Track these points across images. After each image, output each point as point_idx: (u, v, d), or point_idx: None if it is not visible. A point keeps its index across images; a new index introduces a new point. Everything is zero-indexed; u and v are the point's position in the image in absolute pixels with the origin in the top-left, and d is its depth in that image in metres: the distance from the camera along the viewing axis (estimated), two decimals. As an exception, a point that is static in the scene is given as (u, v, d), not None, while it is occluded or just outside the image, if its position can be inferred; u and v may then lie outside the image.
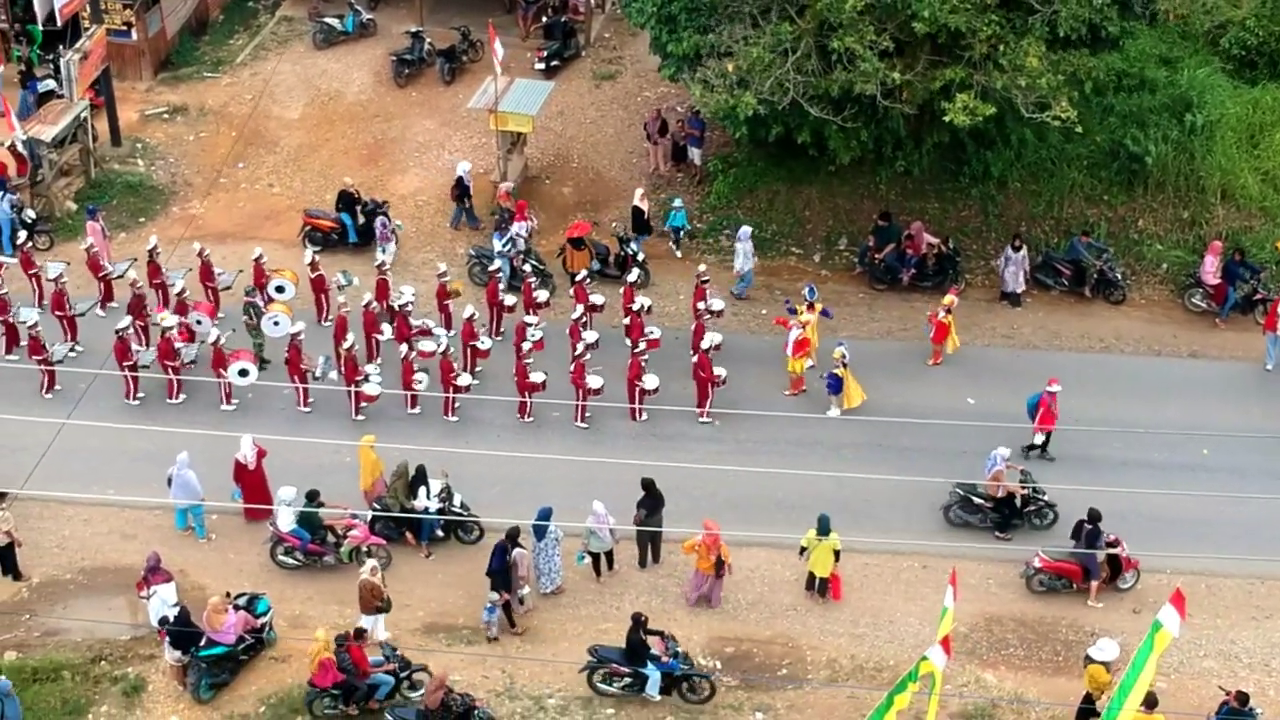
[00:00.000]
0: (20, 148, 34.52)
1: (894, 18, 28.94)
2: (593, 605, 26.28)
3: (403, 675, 23.95)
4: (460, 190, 35.25)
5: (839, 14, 28.36)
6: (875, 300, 34.19)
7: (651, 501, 26.68)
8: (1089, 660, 24.07)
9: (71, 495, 27.51)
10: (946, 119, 29.27)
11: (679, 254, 34.65)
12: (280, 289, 31.65)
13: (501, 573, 25.09)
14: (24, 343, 30.34)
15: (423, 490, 26.58)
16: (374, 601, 24.65)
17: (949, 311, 31.41)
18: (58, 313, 30.74)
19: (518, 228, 34.03)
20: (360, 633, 23.93)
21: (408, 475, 26.70)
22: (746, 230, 33.59)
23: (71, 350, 30.66)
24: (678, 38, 31.96)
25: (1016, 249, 33.55)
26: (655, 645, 24.14)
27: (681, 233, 35.22)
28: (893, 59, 29.33)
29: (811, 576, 26.46)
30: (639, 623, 24.07)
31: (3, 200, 33.51)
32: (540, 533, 25.79)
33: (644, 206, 34.94)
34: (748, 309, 33.70)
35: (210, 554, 26.90)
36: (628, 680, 24.24)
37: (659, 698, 24.26)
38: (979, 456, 28.31)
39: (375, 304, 31.14)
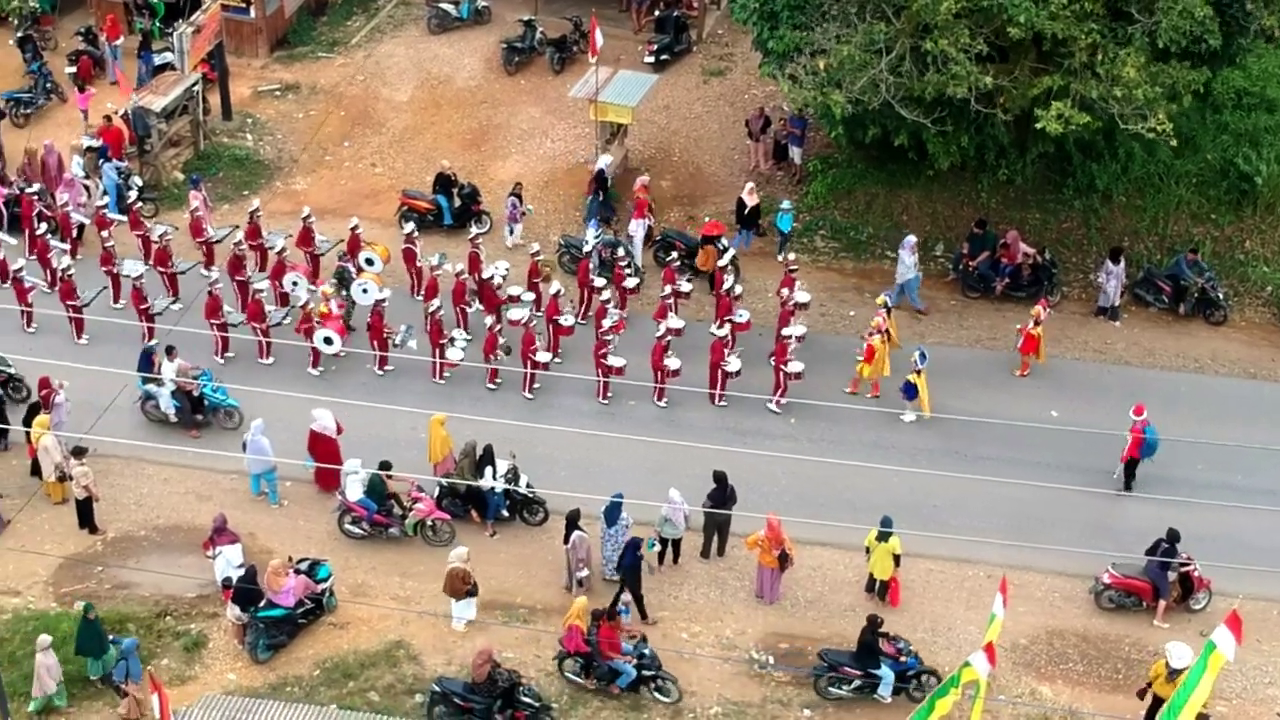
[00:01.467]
0: (121, 118, 35.80)
1: (990, 22, 28.94)
2: (651, 593, 26.60)
3: (649, 674, 24.22)
4: (599, 184, 35.75)
5: (934, 15, 28.44)
6: (966, 308, 34.16)
7: (721, 493, 27.00)
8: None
9: (152, 446, 28.53)
10: (1039, 125, 29.20)
11: (781, 257, 34.62)
12: (370, 261, 32.53)
13: (632, 570, 25.48)
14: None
15: (489, 470, 27.14)
16: (464, 586, 25.18)
17: (1037, 323, 31.29)
18: (160, 268, 32.05)
19: (635, 226, 34.57)
20: (614, 613, 24.43)
21: (475, 454, 27.30)
22: (911, 240, 33.34)
23: (173, 304, 31.86)
24: (778, 35, 32.24)
25: (1116, 262, 33.32)
26: (884, 646, 24.26)
27: (790, 236, 35.28)
28: (986, 64, 29.34)
29: (872, 578, 26.62)
30: (874, 625, 24.22)
31: (110, 168, 34.75)
32: (611, 518, 26.21)
33: (750, 201, 35.25)
34: (836, 309, 33.87)
35: (281, 519, 27.75)
36: (858, 683, 24.42)
37: (890, 699, 24.45)
38: (1056, 470, 28.32)
39: (467, 275, 31.87)
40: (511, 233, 35.21)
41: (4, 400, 28.38)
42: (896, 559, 26.13)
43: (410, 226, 33.35)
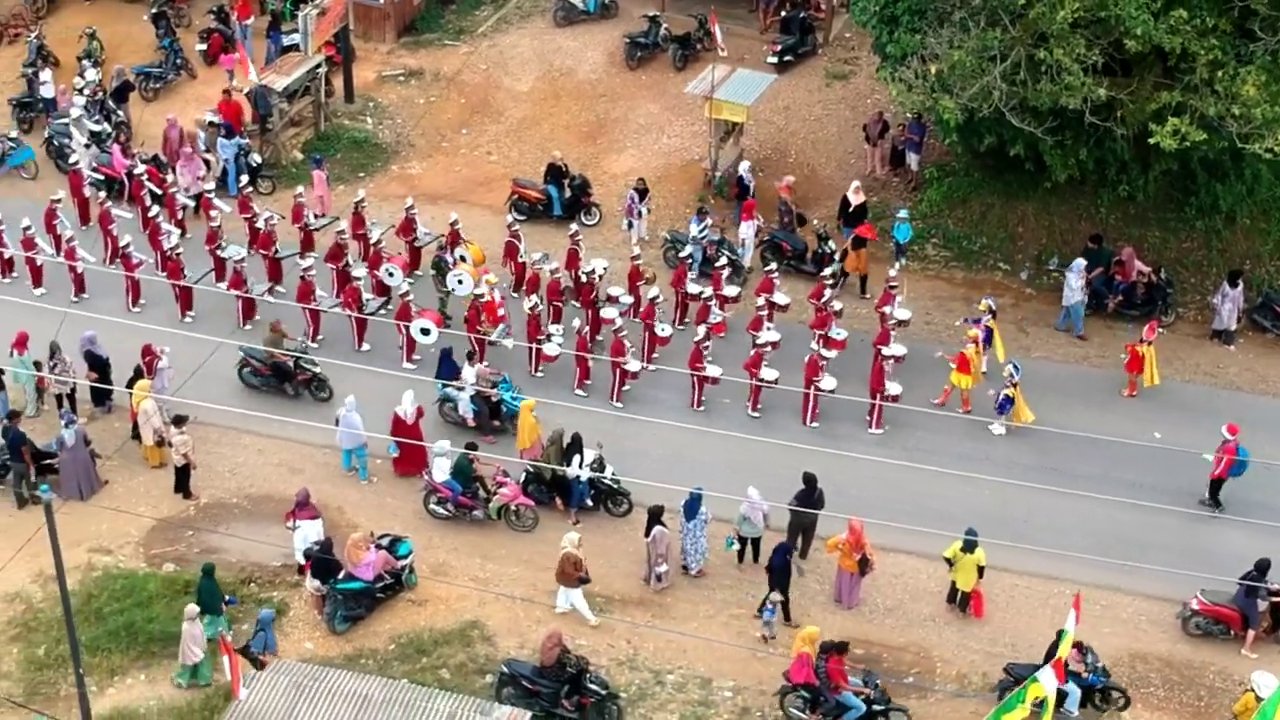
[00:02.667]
0: (244, 95, 36.87)
1: (1108, 34, 28.74)
2: (730, 590, 26.90)
3: (879, 708, 24.05)
4: (740, 190, 36.04)
5: (1050, 24, 28.33)
6: (1077, 324, 33.94)
7: (809, 495, 27.15)
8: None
9: (245, 413, 29.35)
10: (1152, 140, 28.94)
11: (896, 267, 34.47)
12: (463, 258, 32.99)
13: (781, 570, 25.66)
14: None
15: (575, 458, 27.56)
16: (575, 574, 25.51)
17: (1146, 343, 30.96)
18: (262, 252, 32.96)
19: (745, 228, 34.84)
20: (843, 646, 24.22)
21: (562, 442, 27.74)
22: (1080, 263, 33.05)
23: (270, 291, 32.60)
24: (896, 39, 32.30)
25: (1234, 286, 32.85)
26: (1072, 659, 23.91)
27: (905, 246, 35.24)
28: (1104, 76, 29.14)
29: (954, 589, 26.59)
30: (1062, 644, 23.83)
31: (230, 144, 35.80)
32: (690, 513, 26.52)
33: (855, 200, 35.31)
34: (941, 319, 33.79)
35: (369, 496, 28.43)
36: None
37: (1076, 713, 24.42)
38: (1153, 491, 28.07)
39: (563, 272, 32.31)
40: (630, 227, 35.62)
41: (108, 363, 29.29)
42: (980, 570, 26.08)
43: (511, 219, 33.78)
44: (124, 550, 26.89)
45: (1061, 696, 23.60)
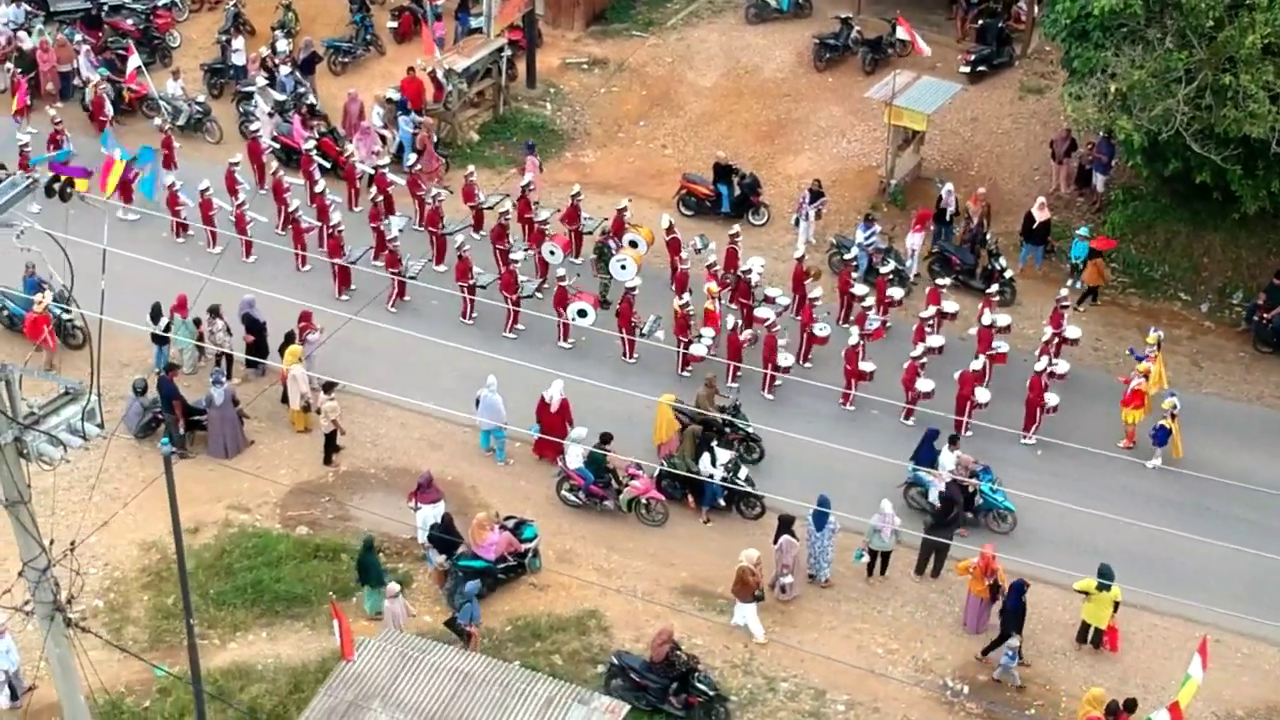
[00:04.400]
0: (440, 76, 37.81)
1: (1301, 61, 28.00)
2: (855, 603, 26.84)
3: None
4: (938, 211, 35.53)
5: (1238, 49, 27.64)
6: (1255, 362, 32.99)
7: (946, 515, 26.96)
8: None
9: (389, 397, 30.11)
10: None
11: (1069, 287, 34.05)
12: (634, 244, 33.48)
13: (1018, 613, 25.38)
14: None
15: (706, 456, 27.74)
16: (751, 589, 25.56)
17: (1322, 387, 30.08)
18: (430, 229, 33.76)
19: (912, 238, 34.73)
20: (1131, 704, 23.85)
21: (696, 438, 27.94)
22: None
23: (427, 264, 33.43)
24: (1083, 54, 31.81)
25: None
26: None
27: (1081, 264, 34.71)
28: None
29: (1085, 627, 26.10)
30: None
31: (406, 121, 36.77)
32: (819, 522, 26.55)
33: (1040, 216, 34.87)
34: (1110, 346, 33.16)
35: (504, 477, 29.00)
36: None
37: None
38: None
39: (720, 270, 32.52)
40: (796, 225, 35.70)
41: (265, 327, 30.32)
42: (1115, 606, 25.60)
43: (665, 220, 34.05)
44: (261, 510, 27.87)
45: None
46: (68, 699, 18.08)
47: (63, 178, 15.95)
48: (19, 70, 38.46)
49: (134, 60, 37.94)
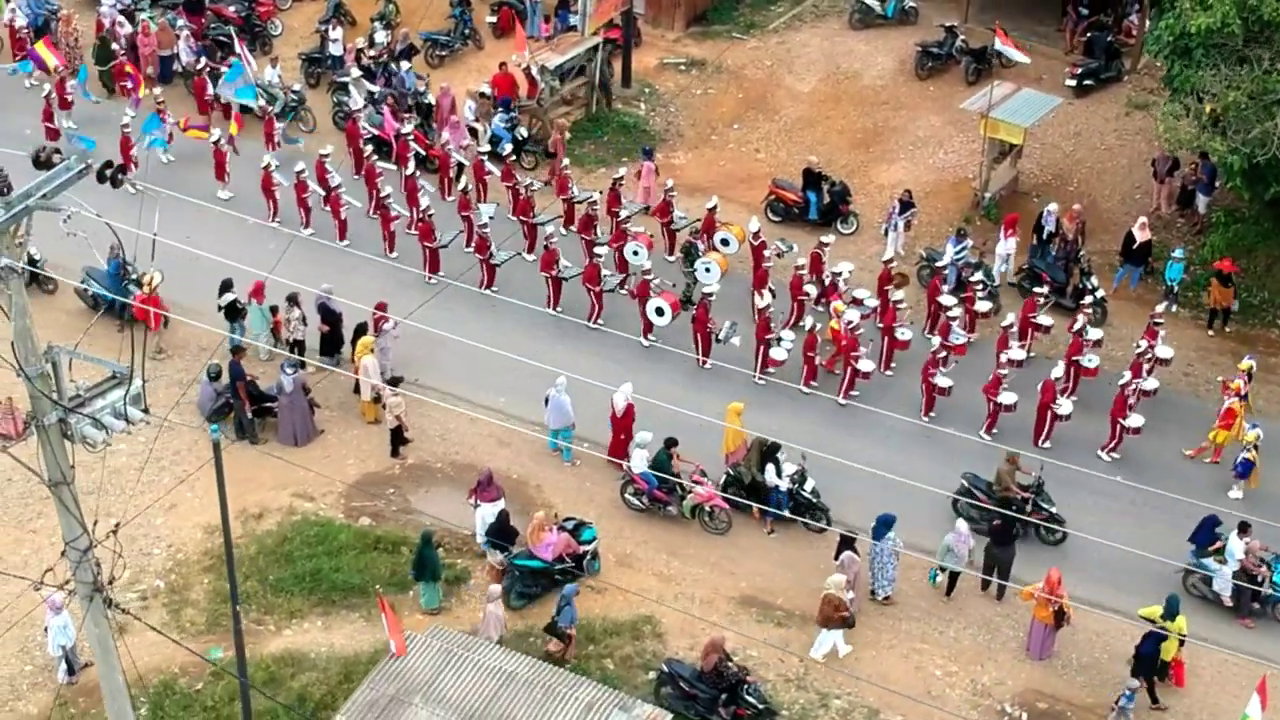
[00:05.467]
0: (535, 72, 38.05)
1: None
2: (917, 623, 26.60)
3: None
4: (1037, 231, 35.24)
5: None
6: (1353, 395, 32.27)
7: (1005, 533, 26.67)
8: None
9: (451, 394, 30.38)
10: None
11: (1173, 309, 33.59)
12: (725, 242, 33.48)
13: (1150, 659, 25.04)
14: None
15: (771, 467, 27.63)
16: (837, 615, 25.36)
17: None
18: (522, 218, 34.28)
19: (1003, 245, 34.36)
20: None
21: (762, 448, 27.84)
22: None
23: (517, 254, 33.74)
24: (1183, 74, 31.27)
25: None
26: None
27: (1177, 286, 34.15)
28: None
29: (1139, 658, 25.56)
30: None
31: (500, 116, 37.04)
32: (878, 534, 26.35)
33: (1141, 236, 34.33)
34: (1203, 371, 32.56)
35: (569, 478, 29.10)
36: None
37: None
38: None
39: (806, 274, 32.39)
40: (885, 235, 35.48)
41: (340, 317, 30.66)
42: (1181, 640, 25.13)
43: (756, 227, 33.93)
44: (326, 499, 28.20)
45: None
46: (106, 679, 18.39)
47: (114, 164, 16.17)
48: (125, 54, 39.31)
49: (239, 46, 38.57)
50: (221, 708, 23.90)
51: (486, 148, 36.28)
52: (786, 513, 27.95)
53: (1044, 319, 32.20)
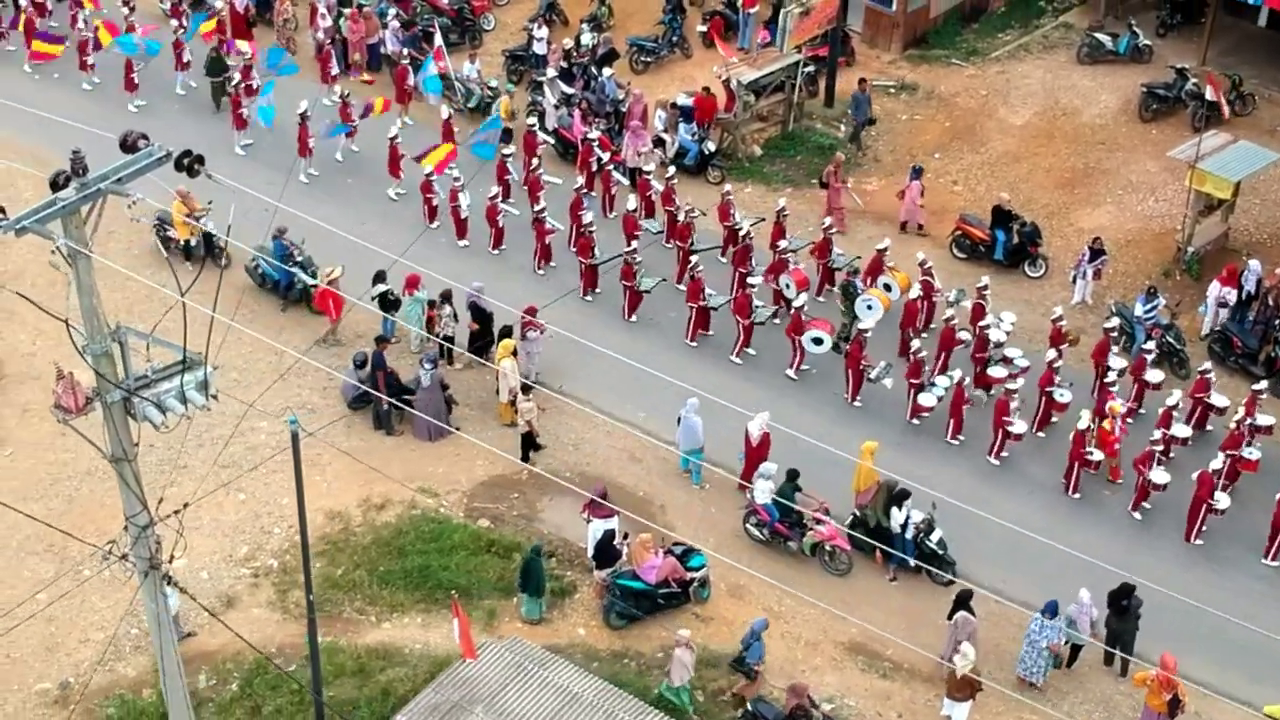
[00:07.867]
0: (734, 86, 38.12)
1: None
2: (1028, 692, 25.87)
3: None
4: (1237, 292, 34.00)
5: None
6: None
7: (1117, 603, 25.75)
8: None
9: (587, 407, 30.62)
10: None
11: None
12: (887, 287, 32.91)
13: None
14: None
15: (895, 511, 27.20)
16: (968, 688, 24.76)
17: None
18: (679, 244, 34.20)
19: (1215, 291, 33.19)
20: None
21: (890, 491, 27.44)
22: None
23: (662, 280, 33.65)
24: None
25: None
26: None
27: None
28: None
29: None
30: None
31: (686, 128, 37.26)
32: (1052, 611, 25.57)
33: None
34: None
35: (694, 500, 29.15)
36: None
37: None
38: None
39: (957, 324, 31.67)
40: (1074, 282, 34.56)
41: (491, 316, 31.19)
42: (1305, 745, 24.01)
43: (923, 257, 33.32)
44: (449, 497, 28.80)
45: None
46: (162, 653, 19.15)
47: (194, 154, 16.81)
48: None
49: (438, 38, 39.52)
50: (307, 693, 24.62)
51: (652, 166, 36.27)
52: (912, 561, 27.50)
53: (1217, 399, 30.88)
